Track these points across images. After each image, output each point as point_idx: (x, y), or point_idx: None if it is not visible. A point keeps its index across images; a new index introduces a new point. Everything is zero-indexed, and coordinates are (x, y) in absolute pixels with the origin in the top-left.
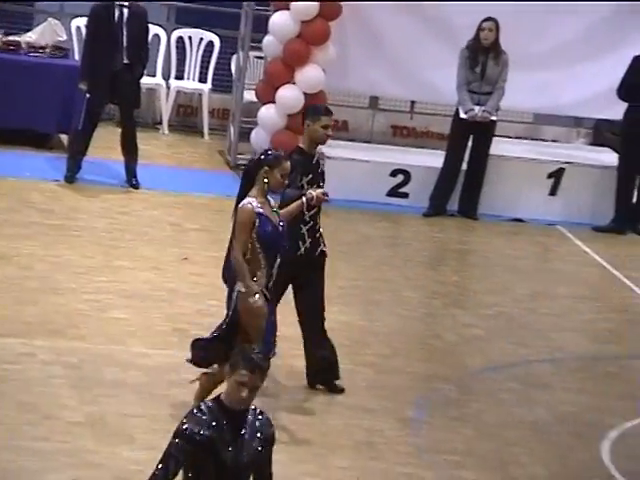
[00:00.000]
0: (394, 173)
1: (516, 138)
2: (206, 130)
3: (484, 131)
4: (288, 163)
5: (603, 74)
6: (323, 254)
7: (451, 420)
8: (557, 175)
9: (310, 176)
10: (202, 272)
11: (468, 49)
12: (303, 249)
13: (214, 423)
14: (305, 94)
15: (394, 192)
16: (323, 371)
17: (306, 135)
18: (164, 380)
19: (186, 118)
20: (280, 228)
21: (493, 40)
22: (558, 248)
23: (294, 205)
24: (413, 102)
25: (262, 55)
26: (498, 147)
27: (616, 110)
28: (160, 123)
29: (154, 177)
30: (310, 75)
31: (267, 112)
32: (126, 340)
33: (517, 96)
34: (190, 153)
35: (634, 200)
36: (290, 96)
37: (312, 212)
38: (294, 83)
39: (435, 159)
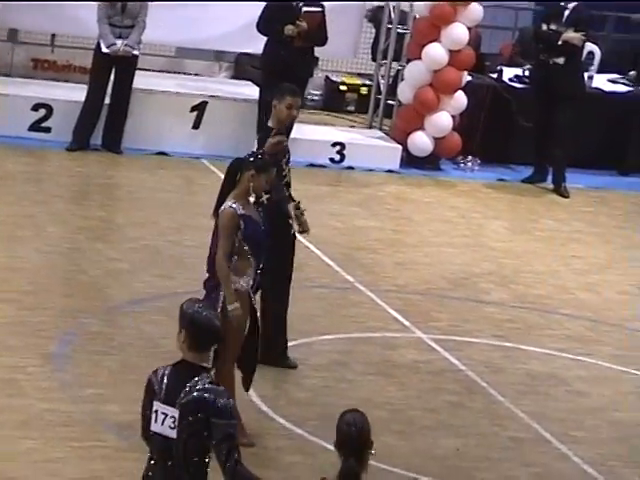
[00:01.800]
0: (35, 107)
1: (159, 72)
2: None
3: (126, 65)
4: (275, 169)
5: (243, 8)
6: None
7: (96, 354)
8: (200, 109)
9: (287, 156)
10: None
11: None
12: (294, 227)
13: None
14: None
15: (36, 126)
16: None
17: (274, 115)
18: None
19: None
20: (262, 226)
21: None
22: (202, 181)
23: None
24: (54, 35)
25: None
26: (141, 81)
27: (256, 44)
28: None
29: None
30: None
31: None
32: None
33: (159, 30)
34: None
35: None
36: None
37: (290, 190)
38: None
39: (78, 93)
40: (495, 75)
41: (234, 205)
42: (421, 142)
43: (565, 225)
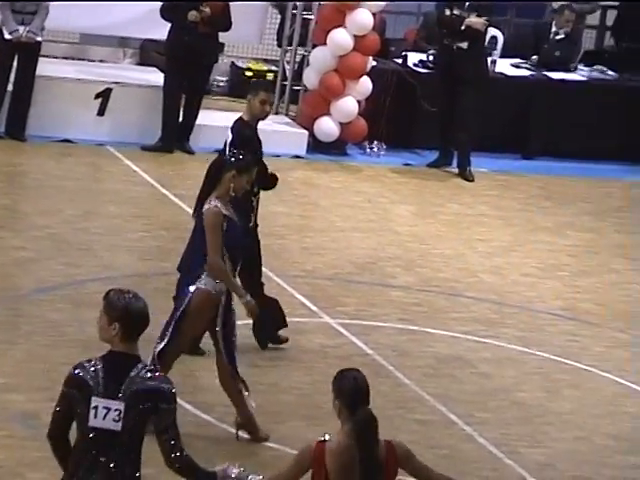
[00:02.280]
0: None
1: (63, 58)
2: None
3: (29, 51)
4: (256, 169)
5: None
6: None
7: (1, 343)
8: (105, 95)
9: (258, 150)
10: None
11: None
12: (253, 220)
13: None
14: None
15: None
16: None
17: (248, 109)
18: None
19: None
20: (241, 226)
21: None
22: (108, 168)
23: None
24: None
25: None
26: (44, 68)
27: (161, 30)
28: None
29: None
30: None
31: None
32: None
33: (62, 16)
34: None
35: (180, 119)
36: None
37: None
38: None
39: None
40: (400, 60)
41: (218, 204)
42: (327, 127)
43: (470, 209)
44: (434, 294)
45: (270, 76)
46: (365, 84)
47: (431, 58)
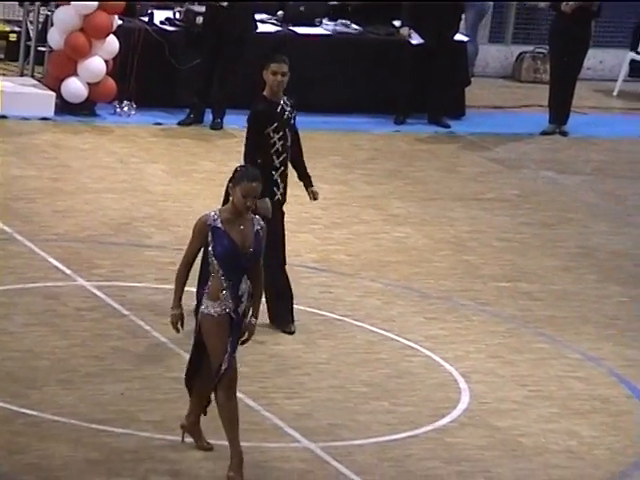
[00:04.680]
0: None
1: None
2: None
3: None
4: (254, 184)
5: None
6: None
7: None
8: None
9: (275, 124)
10: None
11: None
12: (279, 195)
13: None
14: None
15: None
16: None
17: (266, 85)
18: None
19: None
20: (251, 249)
21: None
22: None
23: None
24: None
25: None
26: None
27: None
28: None
29: None
30: None
31: None
32: None
33: None
34: None
35: None
36: None
37: (281, 158)
38: None
39: None
40: (146, 19)
41: (212, 214)
42: (75, 88)
43: (223, 166)
44: None
45: (13, 37)
46: (112, 43)
47: (177, 16)
